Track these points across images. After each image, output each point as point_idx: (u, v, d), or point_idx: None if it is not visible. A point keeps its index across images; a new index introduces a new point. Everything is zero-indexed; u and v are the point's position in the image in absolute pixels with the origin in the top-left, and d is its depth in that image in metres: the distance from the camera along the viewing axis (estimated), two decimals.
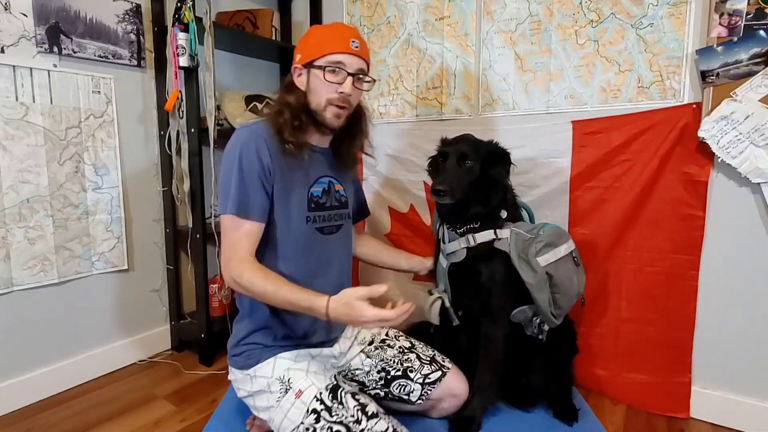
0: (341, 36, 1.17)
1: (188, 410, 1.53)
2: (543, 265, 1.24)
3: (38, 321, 1.60)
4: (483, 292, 1.34)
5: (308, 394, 1.09)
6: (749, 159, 1.33)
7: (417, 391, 1.28)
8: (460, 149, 1.33)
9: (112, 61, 1.72)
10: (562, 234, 1.33)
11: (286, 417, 1.09)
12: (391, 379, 1.29)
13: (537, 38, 1.67)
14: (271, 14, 2.05)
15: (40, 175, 1.55)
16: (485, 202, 1.33)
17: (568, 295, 1.30)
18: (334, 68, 1.14)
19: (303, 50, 1.19)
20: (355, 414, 1.06)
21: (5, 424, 1.47)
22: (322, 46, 1.15)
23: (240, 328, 1.23)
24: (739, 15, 1.32)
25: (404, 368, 1.30)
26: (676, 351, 1.50)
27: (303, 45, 1.21)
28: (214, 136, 1.75)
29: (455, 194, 1.27)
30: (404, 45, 1.98)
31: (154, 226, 1.92)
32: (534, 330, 1.35)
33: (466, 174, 1.31)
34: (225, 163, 1.14)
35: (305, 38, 1.22)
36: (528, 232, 1.31)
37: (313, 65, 1.16)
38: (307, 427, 1.07)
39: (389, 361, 1.31)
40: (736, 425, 1.44)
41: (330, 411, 1.07)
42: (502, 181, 1.34)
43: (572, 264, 1.32)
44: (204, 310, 1.82)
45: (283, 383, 1.12)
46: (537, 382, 1.42)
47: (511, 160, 1.38)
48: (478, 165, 1.32)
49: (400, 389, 1.29)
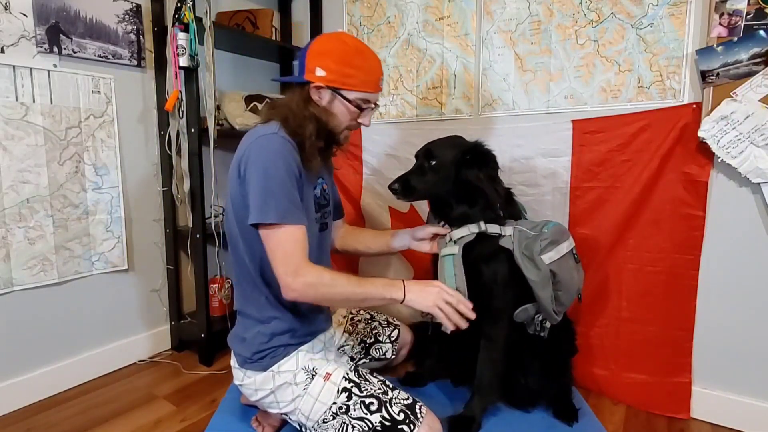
0: (375, 75, 1.22)
1: (188, 410, 1.53)
2: (547, 262, 1.25)
3: (38, 321, 1.60)
4: (484, 292, 1.34)
5: (336, 375, 1.17)
6: (749, 159, 1.33)
7: (390, 349, 1.53)
8: (426, 148, 1.31)
9: (112, 61, 1.72)
10: (564, 231, 1.34)
11: (317, 400, 1.14)
12: (368, 347, 1.51)
13: (537, 38, 1.67)
14: (271, 14, 2.05)
15: (40, 175, 1.55)
16: (471, 203, 1.30)
17: (570, 292, 1.31)
18: (364, 106, 1.22)
19: (328, 68, 1.17)
20: (381, 387, 1.17)
21: (5, 424, 1.47)
22: (356, 82, 1.19)
23: (257, 335, 1.20)
24: (739, 15, 1.32)
25: (374, 335, 1.53)
26: (676, 351, 1.50)
27: (326, 60, 1.17)
28: (214, 136, 1.75)
29: (409, 192, 1.25)
30: (404, 45, 1.98)
31: (154, 226, 1.92)
32: (536, 328, 1.35)
33: (431, 173, 1.28)
34: (262, 170, 1.09)
35: (334, 58, 1.18)
36: (531, 229, 1.31)
37: (340, 93, 1.19)
38: (339, 406, 1.13)
39: (362, 332, 1.52)
40: (737, 425, 1.44)
41: (359, 387, 1.15)
42: (480, 184, 1.27)
43: (573, 261, 1.33)
44: (204, 310, 1.82)
45: (308, 372, 1.18)
46: (536, 383, 1.42)
47: (495, 162, 1.33)
48: (449, 165, 1.28)
49: (377, 351, 1.52)
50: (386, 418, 1.11)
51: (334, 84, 1.18)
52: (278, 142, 1.12)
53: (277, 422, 1.38)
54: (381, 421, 1.11)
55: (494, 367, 1.36)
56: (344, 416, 1.13)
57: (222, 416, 1.47)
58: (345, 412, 1.13)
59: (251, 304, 1.23)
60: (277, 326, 1.21)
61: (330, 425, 1.14)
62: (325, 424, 1.15)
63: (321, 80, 1.17)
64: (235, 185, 1.16)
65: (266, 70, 2.34)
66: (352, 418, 1.12)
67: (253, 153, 1.12)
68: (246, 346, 1.22)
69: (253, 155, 1.11)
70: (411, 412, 1.13)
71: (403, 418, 1.12)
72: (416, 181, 1.28)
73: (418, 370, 1.66)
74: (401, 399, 1.16)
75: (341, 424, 1.13)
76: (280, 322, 1.21)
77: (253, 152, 1.12)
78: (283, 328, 1.21)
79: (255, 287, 1.22)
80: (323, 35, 1.27)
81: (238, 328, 1.28)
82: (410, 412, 1.13)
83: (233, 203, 1.19)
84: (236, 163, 1.16)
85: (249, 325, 1.24)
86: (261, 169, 1.10)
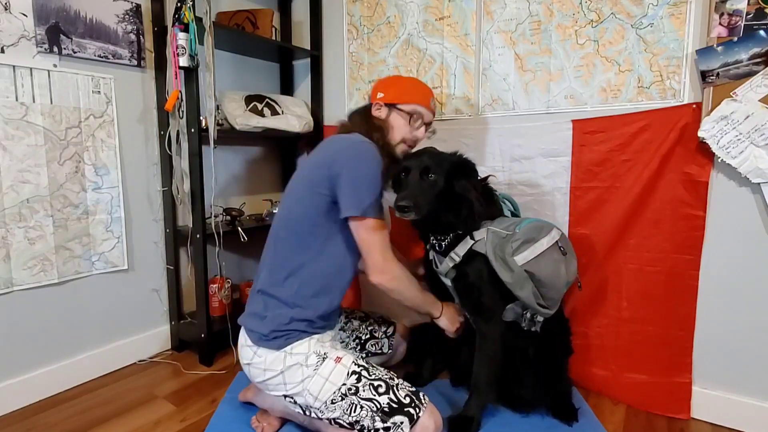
0: (425, 93, 1.47)
1: (188, 410, 1.53)
2: (521, 263, 1.25)
3: (38, 321, 1.60)
4: (474, 291, 1.34)
5: (347, 359, 1.23)
6: (749, 159, 1.33)
7: (386, 344, 1.59)
8: (423, 162, 1.29)
9: (112, 61, 1.72)
10: (542, 227, 1.33)
11: (328, 381, 1.19)
12: (363, 342, 1.56)
13: (537, 38, 1.67)
14: (271, 14, 2.05)
15: (40, 175, 1.55)
16: (456, 213, 1.31)
17: (556, 287, 1.31)
18: (416, 116, 1.42)
19: (386, 91, 1.43)
20: (387, 373, 1.24)
21: (5, 424, 1.47)
22: (411, 95, 1.43)
23: (279, 315, 1.25)
24: (739, 15, 1.32)
25: (369, 331, 1.58)
26: (677, 351, 1.50)
27: (386, 87, 1.45)
28: (214, 136, 1.75)
29: (420, 209, 1.24)
30: (404, 45, 1.98)
31: (154, 225, 1.92)
32: (527, 323, 1.34)
33: (430, 188, 1.28)
34: (363, 171, 1.22)
35: (390, 82, 1.49)
36: (505, 229, 1.31)
37: (396, 107, 1.41)
38: (349, 387, 1.18)
39: (357, 329, 1.58)
40: (737, 425, 1.44)
41: (368, 371, 1.22)
42: (467, 194, 1.30)
43: (558, 255, 1.32)
44: (204, 310, 1.82)
45: (319, 356, 1.23)
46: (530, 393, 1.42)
47: (476, 171, 1.37)
48: (442, 178, 1.29)
49: (374, 346, 1.57)
50: (393, 400, 1.17)
51: (390, 100, 1.42)
52: (372, 148, 1.27)
53: (277, 422, 1.38)
54: (389, 403, 1.16)
55: (490, 364, 1.36)
56: (353, 397, 1.17)
57: (222, 416, 1.47)
58: (354, 393, 1.17)
59: (282, 288, 1.27)
60: (298, 313, 1.25)
61: (338, 406, 1.17)
62: (333, 405, 1.18)
63: (380, 99, 1.43)
64: (318, 180, 1.25)
65: (266, 70, 2.34)
66: (361, 399, 1.17)
67: (349, 155, 1.25)
68: (265, 323, 1.25)
69: (349, 157, 1.24)
70: (416, 398, 1.19)
71: (410, 401, 1.17)
72: (423, 197, 1.26)
73: (417, 370, 1.66)
74: (406, 386, 1.22)
75: (349, 404, 1.17)
76: (302, 311, 1.26)
77: (350, 154, 1.25)
78: (303, 317, 1.26)
79: (294, 276, 1.27)
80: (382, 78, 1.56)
81: (257, 306, 1.30)
82: (415, 398, 1.19)
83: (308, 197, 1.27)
84: (323, 160, 1.27)
85: (272, 305, 1.28)
86: (359, 170, 1.23)
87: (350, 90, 2.17)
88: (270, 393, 1.28)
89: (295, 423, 1.38)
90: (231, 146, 2.20)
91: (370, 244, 1.25)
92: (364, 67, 2.11)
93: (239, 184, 2.26)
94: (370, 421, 1.16)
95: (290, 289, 1.27)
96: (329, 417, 1.19)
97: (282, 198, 1.38)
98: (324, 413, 1.19)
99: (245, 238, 1.89)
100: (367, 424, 1.16)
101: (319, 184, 1.25)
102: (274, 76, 2.38)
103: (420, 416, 1.16)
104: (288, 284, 1.27)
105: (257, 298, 1.32)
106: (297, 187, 1.33)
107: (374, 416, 1.15)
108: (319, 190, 1.24)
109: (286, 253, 1.29)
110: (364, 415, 1.16)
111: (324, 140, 1.38)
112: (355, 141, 1.28)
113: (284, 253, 1.30)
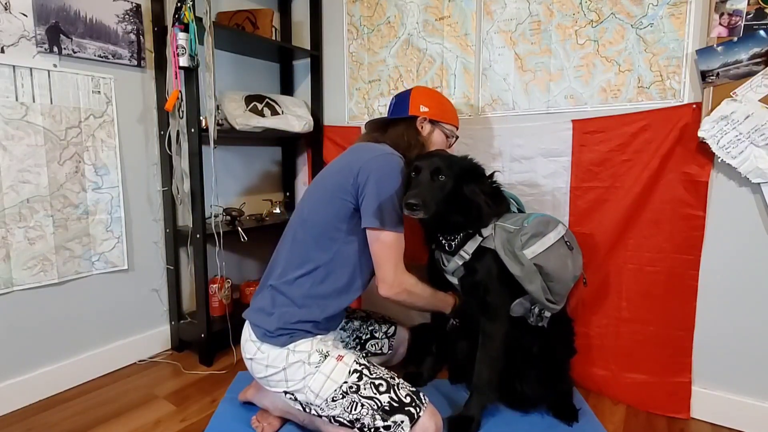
0: (456, 113, 1.59)
1: (188, 410, 1.53)
2: (530, 257, 1.26)
3: (38, 321, 1.60)
4: (480, 289, 1.34)
5: (348, 358, 1.24)
6: (749, 159, 1.33)
7: (386, 344, 1.60)
8: (434, 163, 1.29)
9: (112, 61, 1.72)
10: (549, 222, 1.34)
11: (329, 378, 1.20)
12: (363, 342, 1.57)
13: (537, 38, 1.67)
14: (271, 14, 2.05)
15: (40, 175, 1.55)
16: (464, 214, 1.32)
17: (563, 281, 1.31)
18: (453, 135, 1.55)
19: (430, 106, 1.49)
20: (388, 373, 1.25)
21: (5, 424, 1.47)
22: (451, 115, 1.55)
23: (286, 313, 1.27)
24: (739, 15, 1.32)
25: (370, 331, 1.60)
26: (676, 351, 1.50)
27: (429, 101, 1.51)
28: (214, 136, 1.75)
29: (429, 208, 1.23)
30: (404, 45, 1.98)
31: (154, 225, 1.92)
32: (535, 318, 1.35)
33: (439, 188, 1.28)
34: (386, 184, 1.26)
35: (431, 96, 1.54)
36: (513, 224, 1.32)
37: (440, 124, 1.50)
38: (350, 385, 1.19)
39: (358, 329, 1.59)
40: (737, 425, 1.44)
41: (369, 370, 1.23)
42: (476, 198, 1.30)
43: (565, 249, 1.33)
44: (204, 310, 1.82)
45: (321, 354, 1.24)
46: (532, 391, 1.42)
47: (485, 176, 1.37)
48: (451, 180, 1.29)
49: (374, 346, 1.58)
50: (394, 399, 1.18)
51: (435, 117, 1.49)
52: (399, 163, 1.32)
53: (277, 422, 1.38)
54: (389, 402, 1.17)
55: (492, 364, 1.36)
56: (354, 395, 1.18)
57: (222, 416, 1.47)
58: (355, 391, 1.18)
59: (293, 287, 1.28)
60: (305, 314, 1.27)
61: (338, 404, 1.18)
62: (334, 402, 1.18)
63: (425, 114, 1.48)
64: (344, 187, 1.28)
65: (266, 70, 2.34)
66: (362, 397, 1.18)
67: (378, 167, 1.28)
68: (272, 319, 1.26)
69: (378, 169, 1.27)
70: (417, 398, 1.20)
71: (410, 401, 1.18)
72: (431, 197, 1.25)
73: (417, 369, 1.66)
74: (407, 385, 1.23)
75: (350, 402, 1.18)
76: (309, 312, 1.27)
77: (379, 166, 1.28)
78: (310, 318, 1.27)
79: (306, 276, 1.28)
80: (418, 88, 1.57)
81: (264, 302, 1.31)
82: (416, 397, 1.20)
83: (331, 202, 1.30)
84: (350, 167, 1.30)
85: (281, 302, 1.28)
86: (385, 183, 1.26)
87: (350, 90, 2.17)
88: (271, 389, 1.28)
89: (296, 423, 1.38)
90: (231, 146, 2.20)
91: (384, 258, 1.27)
92: (364, 67, 2.11)
93: (239, 184, 2.26)
94: (370, 419, 1.16)
95: (301, 289, 1.28)
96: (329, 415, 1.19)
97: (303, 197, 1.42)
98: (324, 411, 1.19)
99: (245, 238, 1.89)
100: (368, 422, 1.16)
101: (343, 190, 1.28)
102: (274, 76, 2.38)
103: (420, 416, 1.16)
104: (299, 283, 1.28)
105: (266, 293, 1.33)
106: (320, 189, 1.35)
107: (375, 414, 1.16)
108: (343, 196, 1.27)
109: (302, 252, 1.31)
110: (365, 413, 1.16)
111: (353, 146, 1.42)
112: (385, 153, 1.32)
113: (299, 253, 1.31)
